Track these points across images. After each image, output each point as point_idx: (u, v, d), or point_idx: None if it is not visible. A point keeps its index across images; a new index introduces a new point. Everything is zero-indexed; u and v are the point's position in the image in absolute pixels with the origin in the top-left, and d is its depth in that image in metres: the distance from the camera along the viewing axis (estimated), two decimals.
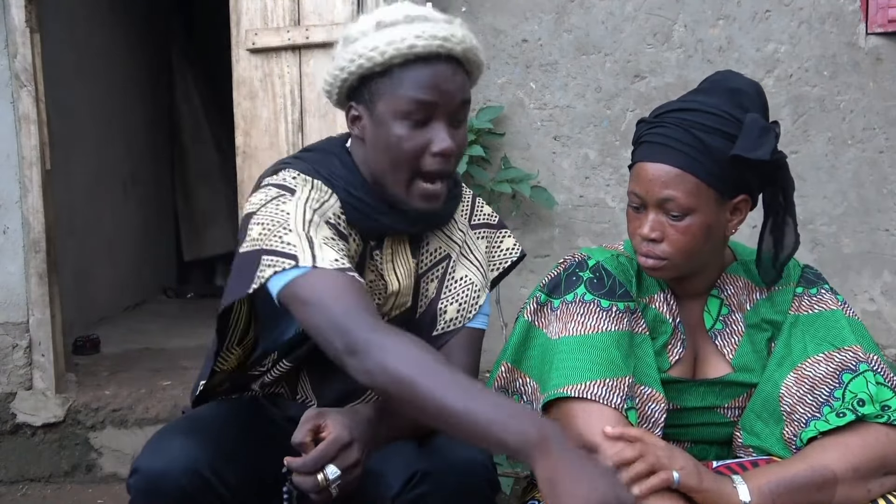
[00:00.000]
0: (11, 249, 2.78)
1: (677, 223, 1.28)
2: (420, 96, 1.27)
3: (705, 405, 1.38)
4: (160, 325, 4.03)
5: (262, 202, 1.30)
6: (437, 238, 1.48)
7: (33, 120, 2.72)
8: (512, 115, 2.90)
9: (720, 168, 1.27)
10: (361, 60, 1.28)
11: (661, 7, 2.84)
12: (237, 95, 2.76)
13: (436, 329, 1.45)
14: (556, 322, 1.35)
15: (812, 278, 1.42)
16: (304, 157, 1.42)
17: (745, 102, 1.30)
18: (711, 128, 1.27)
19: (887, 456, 1.24)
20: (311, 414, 1.17)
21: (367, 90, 1.31)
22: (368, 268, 1.42)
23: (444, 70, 1.28)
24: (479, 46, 1.36)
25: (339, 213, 1.34)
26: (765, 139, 1.25)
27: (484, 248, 1.52)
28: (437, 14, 1.33)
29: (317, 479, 1.11)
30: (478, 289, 1.47)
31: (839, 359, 1.30)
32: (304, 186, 1.33)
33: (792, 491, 1.20)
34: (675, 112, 1.31)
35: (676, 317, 1.40)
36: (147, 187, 4.91)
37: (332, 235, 1.28)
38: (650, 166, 1.29)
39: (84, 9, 4.01)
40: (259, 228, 1.26)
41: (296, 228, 1.24)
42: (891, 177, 2.84)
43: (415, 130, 1.29)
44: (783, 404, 1.31)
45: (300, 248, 1.21)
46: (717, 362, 1.40)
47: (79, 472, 2.77)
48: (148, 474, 1.21)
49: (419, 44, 1.26)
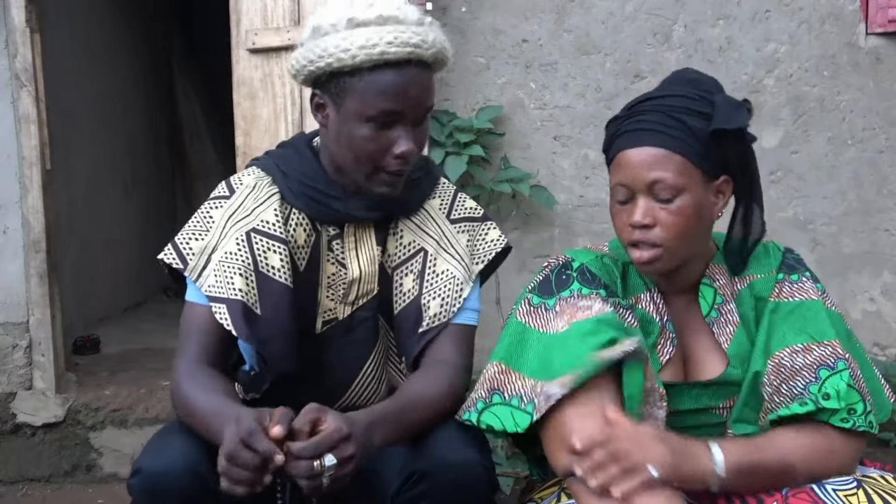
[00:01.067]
0: (11, 249, 2.78)
1: (668, 206, 1.28)
2: (386, 105, 1.30)
3: (699, 407, 1.37)
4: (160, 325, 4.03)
5: (210, 197, 1.48)
6: (410, 231, 1.48)
7: (33, 120, 2.72)
8: (512, 115, 2.90)
9: (702, 146, 1.28)
10: (331, 59, 1.30)
11: (661, 7, 2.84)
12: (237, 95, 2.76)
13: (421, 326, 1.44)
14: (559, 317, 1.32)
15: (793, 264, 1.41)
16: (271, 152, 1.53)
17: (709, 87, 1.33)
18: (687, 108, 1.29)
19: (844, 464, 1.26)
20: (312, 407, 1.18)
21: (334, 85, 1.33)
22: (326, 259, 1.45)
23: (413, 76, 1.31)
24: (448, 46, 1.39)
25: (277, 212, 1.42)
26: (739, 111, 1.28)
27: (465, 241, 1.50)
28: (410, 12, 1.33)
29: (312, 464, 1.11)
30: (460, 282, 1.46)
31: (818, 353, 1.29)
32: (244, 189, 1.45)
33: (756, 474, 1.23)
34: (648, 101, 1.33)
35: (664, 315, 1.39)
36: (147, 187, 4.91)
37: (239, 249, 1.39)
38: (633, 152, 1.29)
39: (84, 9, 4.01)
40: (189, 222, 1.47)
41: (206, 240, 1.42)
42: (891, 177, 2.84)
43: (378, 132, 1.33)
44: (764, 391, 1.31)
45: (196, 259, 1.41)
46: (711, 360, 1.38)
47: (79, 472, 2.77)
48: (149, 475, 1.21)
49: (391, 51, 1.28)
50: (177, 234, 1.46)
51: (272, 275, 1.39)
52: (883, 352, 2.89)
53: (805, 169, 2.84)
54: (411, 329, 1.45)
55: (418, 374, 1.42)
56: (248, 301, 1.36)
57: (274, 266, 1.39)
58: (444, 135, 2.76)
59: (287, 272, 1.40)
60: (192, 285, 1.42)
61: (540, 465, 1.50)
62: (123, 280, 4.47)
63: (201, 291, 1.39)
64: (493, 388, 1.32)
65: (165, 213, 5.30)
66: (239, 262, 1.38)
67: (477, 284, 1.51)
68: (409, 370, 1.47)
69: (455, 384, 1.39)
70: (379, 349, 1.49)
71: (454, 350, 1.44)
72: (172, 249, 1.43)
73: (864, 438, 1.29)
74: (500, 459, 2.38)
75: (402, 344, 1.47)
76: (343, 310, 1.47)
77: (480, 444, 1.31)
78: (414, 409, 1.31)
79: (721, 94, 1.31)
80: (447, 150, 2.74)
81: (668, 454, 1.19)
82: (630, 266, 1.41)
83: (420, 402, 1.32)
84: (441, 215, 1.51)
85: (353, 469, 1.15)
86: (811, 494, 1.20)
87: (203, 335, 1.38)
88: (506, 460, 2.40)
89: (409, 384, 1.39)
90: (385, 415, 1.26)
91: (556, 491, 1.32)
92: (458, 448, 1.27)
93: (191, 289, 1.42)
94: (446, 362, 1.41)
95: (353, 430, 1.16)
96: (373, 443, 1.21)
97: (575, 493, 1.23)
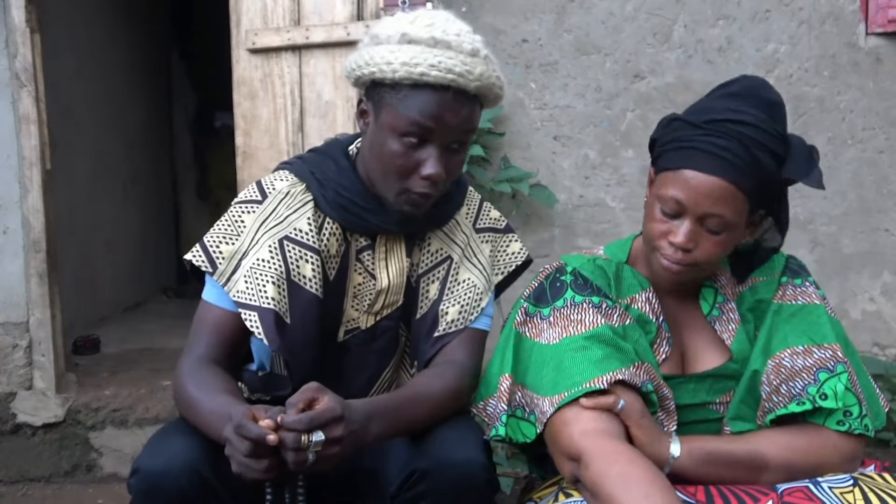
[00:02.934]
0: (11, 249, 2.78)
1: (713, 237, 1.28)
2: (420, 121, 1.29)
3: (696, 402, 1.38)
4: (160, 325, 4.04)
5: (239, 200, 1.45)
6: (438, 239, 1.48)
7: (33, 120, 2.72)
8: (512, 115, 2.90)
9: (763, 185, 1.26)
10: (374, 69, 1.31)
11: (661, 7, 2.84)
12: (237, 95, 2.76)
13: (437, 330, 1.45)
14: (551, 328, 1.34)
15: (796, 269, 1.43)
16: (304, 157, 1.49)
17: (782, 118, 1.29)
18: (764, 145, 1.25)
19: (825, 463, 1.26)
20: (312, 386, 1.18)
21: (376, 94, 1.34)
22: (355, 269, 1.45)
23: (451, 101, 1.30)
24: (500, 80, 1.36)
25: (311, 221, 1.40)
26: (813, 164, 1.26)
27: (488, 251, 1.52)
28: (465, 42, 1.30)
29: (300, 437, 1.11)
30: (480, 291, 1.48)
31: (818, 355, 1.30)
32: (277, 195, 1.43)
33: (720, 463, 1.26)
34: (729, 123, 1.26)
35: (659, 315, 1.39)
36: (147, 187, 4.92)
37: (272, 257, 1.38)
38: (703, 177, 1.25)
39: (84, 9, 4.01)
40: (218, 223, 1.44)
41: (237, 244, 1.40)
42: (891, 177, 2.84)
43: (409, 149, 1.32)
44: (762, 391, 1.32)
45: (225, 264, 1.39)
46: (710, 354, 1.39)
47: (79, 472, 2.78)
48: (148, 474, 1.21)
49: (431, 73, 1.27)
50: (205, 235, 1.43)
51: (303, 284, 1.38)
52: (883, 352, 2.89)
53: None
54: (426, 333, 1.45)
55: (424, 372, 1.43)
56: (280, 310, 1.36)
57: (305, 276, 1.39)
58: None
59: (318, 282, 1.39)
60: (213, 286, 1.41)
61: (540, 463, 1.50)
62: (123, 280, 4.48)
63: (224, 294, 1.38)
64: (508, 401, 1.35)
65: (165, 213, 5.30)
66: (271, 271, 1.37)
67: (493, 294, 1.53)
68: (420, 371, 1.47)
69: (458, 383, 1.39)
70: (397, 357, 1.50)
71: (463, 352, 1.45)
72: (201, 251, 1.41)
73: (860, 441, 1.29)
74: (500, 459, 2.38)
75: (417, 349, 1.48)
76: (367, 319, 1.47)
77: (481, 444, 1.31)
78: (415, 405, 1.31)
79: (796, 137, 1.28)
80: None
81: (641, 408, 1.27)
82: (624, 266, 1.42)
83: (421, 399, 1.32)
84: (468, 223, 1.53)
85: (341, 452, 1.15)
86: (807, 492, 1.20)
87: (213, 336, 1.38)
88: (506, 460, 2.40)
89: (414, 380, 1.40)
90: (385, 407, 1.26)
91: (556, 491, 1.32)
92: (458, 447, 1.27)
93: (211, 289, 1.41)
94: (453, 362, 1.42)
95: (347, 414, 1.16)
96: (369, 432, 1.21)
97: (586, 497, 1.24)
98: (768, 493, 1.21)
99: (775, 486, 1.22)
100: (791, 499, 1.19)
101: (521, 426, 1.33)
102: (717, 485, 1.24)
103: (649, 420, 1.28)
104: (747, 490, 1.22)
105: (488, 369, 1.42)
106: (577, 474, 1.23)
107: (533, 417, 1.31)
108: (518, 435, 1.33)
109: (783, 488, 1.22)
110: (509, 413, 1.34)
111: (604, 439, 1.21)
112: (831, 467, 1.26)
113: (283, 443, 1.11)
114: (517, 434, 1.33)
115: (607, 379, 1.25)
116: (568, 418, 1.25)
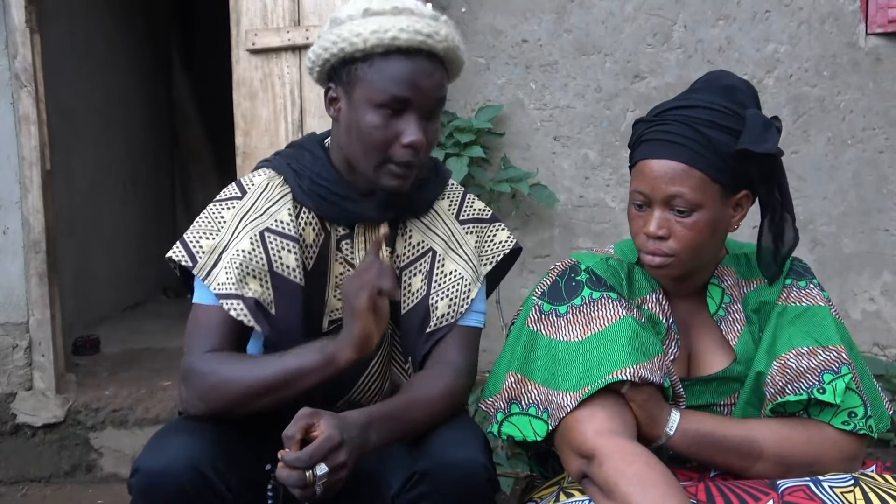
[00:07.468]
0: (11, 249, 2.78)
1: (684, 219, 1.29)
2: (396, 91, 1.31)
3: (701, 404, 1.38)
4: (160, 325, 4.03)
5: (219, 198, 1.47)
6: (419, 231, 1.48)
7: (33, 120, 2.72)
8: (512, 115, 2.90)
9: (724, 163, 1.27)
10: (344, 45, 1.32)
11: (661, 7, 2.84)
12: (237, 95, 2.76)
13: (428, 326, 1.45)
14: (571, 326, 1.35)
15: (801, 271, 1.43)
16: (282, 152, 1.53)
17: (741, 98, 1.31)
18: (714, 123, 1.27)
19: (823, 459, 1.27)
20: (305, 412, 1.18)
21: (347, 73, 1.35)
22: (335, 259, 1.45)
23: (424, 66, 1.33)
24: (462, 46, 1.40)
25: (291, 211, 1.42)
26: (769, 133, 1.27)
27: (473, 242, 1.51)
28: (425, 9, 1.36)
29: (304, 474, 1.12)
30: (468, 283, 1.47)
31: (823, 357, 1.31)
32: (256, 189, 1.45)
33: (713, 447, 1.28)
34: (676, 109, 1.31)
35: (669, 317, 1.40)
36: (147, 187, 4.92)
37: (253, 248, 1.38)
38: (655, 163, 1.29)
39: (84, 9, 4.01)
40: (198, 220, 1.45)
41: (217, 239, 1.41)
42: (891, 177, 2.84)
43: (388, 120, 1.33)
44: (766, 392, 1.32)
45: (206, 258, 1.39)
46: (715, 357, 1.40)
47: (79, 473, 2.77)
48: (149, 474, 1.21)
49: (402, 37, 1.30)
50: (185, 232, 1.44)
51: (287, 274, 1.39)
52: (883, 352, 2.89)
53: (805, 169, 2.84)
54: (418, 329, 1.45)
55: (419, 375, 1.42)
56: (264, 301, 1.37)
57: (289, 265, 1.39)
58: (444, 135, 2.76)
59: (300, 271, 1.40)
60: (200, 287, 1.40)
61: (540, 462, 1.50)
62: (123, 280, 4.47)
63: (209, 291, 1.38)
64: (511, 398, 1.36)
65: (165, 213, 5.30)
66: (253, 262, 1.37)
67: (483, 286, 1.51)
68: (415, 371, 1.47)
69: (455, 385, 1.39)
70: (384, 349, 1.49)
71: (458, 352, 1.44)
72: (181, 247, 1.42)
73: (862, 441, 1.29)
74: (500, 459, 2.38)
75: (409, 344, 1.47)
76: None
77: (481, 445, 1.31)
78: (412, 410, 1.31)
79: (752, 111, 1.29)
80: (447, 152, 2.74)
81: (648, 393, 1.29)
82: (635, 267, 1.42)
83: (418, 403, 1.33)
84: (450, 216, 1.52)
85: (347, 474, 1.16)
86: (808, 492, 1.20)
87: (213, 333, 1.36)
88: (506, 460, 2.40)
89: (409, 384, 1.40)
90: (382, 415, 1.27)
91: (556, 491, 1.32)
92: (458, 448, 1.27)
93: (199, 291, 1.41)
94: (449, 363, 1.42)
95: (346, 436, 1.16)
96: (369, 443, 1.22)
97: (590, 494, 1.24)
98: (769, 493, 1.21)
99: (776, 485, 1.22)
100: (792, 498, 1.19)
101: (534, 423, 1.32)
102: (716, 485, 1.24)
103: (654, 402, 1.29)
104: (748, 490, 1.22)
105: (496, 367, 1.43)
106: (588, 472, 1.23)
107: (546, 415, 1.31)
108: (529, 432, 1.33)
109: (784, 487, 1.22)
110: (520, 412, 1.34)
111: (620, 439, 1.22)
112: (830, 464, 1.26)
113: (289, 481, 1.13)
114: (528, 431, 1.33)
115: (631, 371, 1.26)
116: (582, 416, 1.26)
